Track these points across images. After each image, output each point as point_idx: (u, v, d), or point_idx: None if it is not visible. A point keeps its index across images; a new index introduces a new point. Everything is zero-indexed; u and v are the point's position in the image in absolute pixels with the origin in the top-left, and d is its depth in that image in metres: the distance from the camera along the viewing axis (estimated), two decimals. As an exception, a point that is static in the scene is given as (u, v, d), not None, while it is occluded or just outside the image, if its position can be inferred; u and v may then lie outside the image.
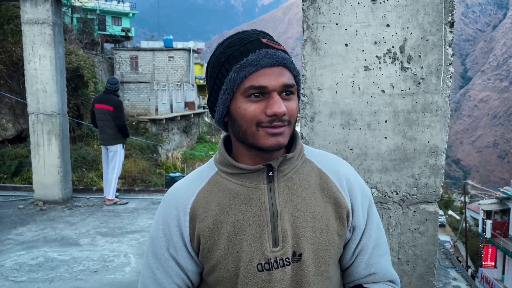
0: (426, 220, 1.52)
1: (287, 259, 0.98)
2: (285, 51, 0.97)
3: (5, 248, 4.56)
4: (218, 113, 0.99)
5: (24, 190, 7.18)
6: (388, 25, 1.48)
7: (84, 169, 13.71)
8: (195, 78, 34.59)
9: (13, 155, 12.34)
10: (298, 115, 1.18)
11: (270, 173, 0.99)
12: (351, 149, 1.53)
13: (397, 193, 1.52)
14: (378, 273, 1.07)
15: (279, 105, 0.91)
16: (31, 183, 6.48)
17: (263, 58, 0.92)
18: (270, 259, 0.97)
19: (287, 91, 0.94)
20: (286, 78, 0.93)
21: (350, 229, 1.05)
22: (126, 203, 6.46)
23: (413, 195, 1.52)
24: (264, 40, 0.95)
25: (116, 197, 6.53)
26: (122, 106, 6.34)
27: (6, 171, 11.85)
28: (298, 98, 1.00)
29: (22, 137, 13.39)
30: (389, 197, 1.53)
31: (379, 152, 1.52)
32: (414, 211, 1.52)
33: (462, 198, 31.19)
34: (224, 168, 1.03)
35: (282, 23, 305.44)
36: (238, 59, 0.93)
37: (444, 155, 1.50)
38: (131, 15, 37.33)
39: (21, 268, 4.04)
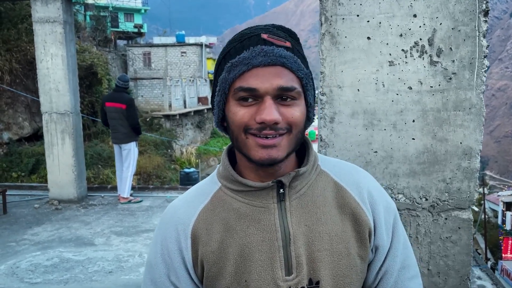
0: (459, 228, 1.39)
1: None
2: (290, 48, 0.83)
3: (20, 249, 4.56)
4: (215, 116, 0.89)
5: (39, 189, 7.22)
6: (415, 15, 1.35)
7: (100, 166, 13.80)
8: (208, 73, 34.53)
9: (30, 153, 12.48)
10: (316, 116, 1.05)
11: (281, 190, 0.87)
12: (375, 152, 1.41)
13: (426, 199, 1.40)
14: None
15: (269, 112, 0.79)
16: (47, 181, 6.51)
17: (256, 56, 0.80)
18: None
19: (285, 95, 0.81)
20: (284, 80, 0.80)
21: (372, 249, 0.92)
22: (141, 201, 6.43)
23: (444, 201, 1.39)
24: (264, 36, 0.82)
25: (131, 195, 6.50)
26: (134, 103, 6.29)
27: (23, 169, 11.99)
28: (308, 103, 0.87)
29: (38, 135, 13.52)
30: (418, 203, 1.40)
31: (406, 155, 1.39)
32: (446, 219, 1.40)
33: (481, 190, 30.63)
34: (228, 184, 0.91)
35: (295, 15, 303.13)
36: (232, 57, 0.82)
37: (479, 157, 1.36)
38: (143, 11, 37.43)
39: (36, 269, 4.02)
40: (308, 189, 0.90)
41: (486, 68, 1.34)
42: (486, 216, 29.02)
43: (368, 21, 1.37)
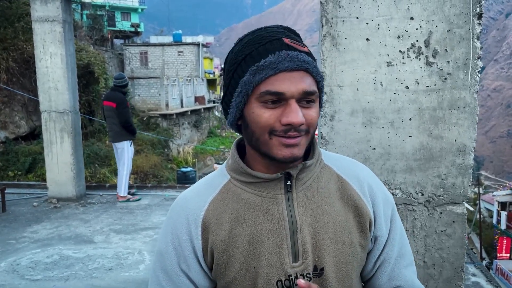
0: (454, 222, 1.45)
1: (308, 275, 0.92)
2: (309, 54, 0.89)
3: (20, 246, 4.59)
4: (231, 116, 0.92)
5: (38, 188, 7.24)
6: (412, 18, 1.41)
7: (96, 165, 13.82)
8: (205, 72, 34.55)
9: (27, 152, 12.48)
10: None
11: (288, 182, 0.93)
12: (374, 149, 1.47)
13: (422, 194, 1.46)
14: (403, 286, 1.00)
15: (296, 115, 0.84)
16: (45, 180, 6.53)
17: (282, 61, 0.84)
18: (291, 275, 0.91)
19: (307, 98, 0.86)
20: (307, 84, 0.85)
21: (372, 239, 0.99)
22: (139, 199, 6.47)
23: (439, 196, 1.45)
24: (286, 40, 0.87)
25: (130, 193, 6.54)
26: (125, 102, 6.25)
27: (20, 168, 11.99)
28: (320, 105, 0.92)
29: (35, 134, 13.53)
30: (414, 198, 1.46)
31: (403, 152, 1.45)
32: (441, 213, 1.46)
33: (476, 189, 30.80)
34: (238, 176, 0.96)
35: (291, 15, 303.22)
36: (256, 60, 0.85)
37: (472, 154, 1.43)
38: (140, 10, 37.38)
39: (37, 267, 4.06)
40: (313, 181, 0.96)
41: (480, 69, 1.40)
42: (481, 216, 29.18)
43: (367, 23, 1.43)
